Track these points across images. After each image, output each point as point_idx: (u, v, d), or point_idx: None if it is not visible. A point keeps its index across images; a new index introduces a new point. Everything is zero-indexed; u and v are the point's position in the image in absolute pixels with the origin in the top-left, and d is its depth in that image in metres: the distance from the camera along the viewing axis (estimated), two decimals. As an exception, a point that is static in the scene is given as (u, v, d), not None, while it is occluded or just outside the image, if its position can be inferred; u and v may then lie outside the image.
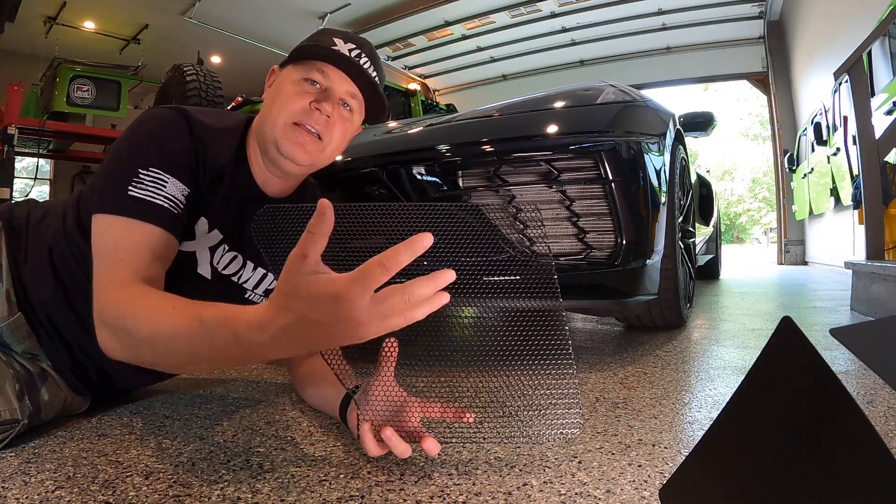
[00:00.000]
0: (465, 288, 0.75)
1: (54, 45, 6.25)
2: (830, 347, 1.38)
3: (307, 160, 0.82)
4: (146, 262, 0.70)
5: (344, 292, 0.46)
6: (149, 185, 0.72)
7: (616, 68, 8.39)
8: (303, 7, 7.08)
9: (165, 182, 0.74)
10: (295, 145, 0.80)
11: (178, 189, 0.75)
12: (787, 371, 0.36)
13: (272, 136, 0.81)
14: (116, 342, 0.65)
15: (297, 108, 0.80)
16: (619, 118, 1.28)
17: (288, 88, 0.81)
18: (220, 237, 0.86)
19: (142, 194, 0.72)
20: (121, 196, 0.71)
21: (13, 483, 0.61)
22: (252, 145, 0.86)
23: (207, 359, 0.58)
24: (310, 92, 0.81)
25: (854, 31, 3.74)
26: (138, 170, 0.73)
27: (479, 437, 0.73)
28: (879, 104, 3.34)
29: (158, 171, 0.74)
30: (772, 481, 0.35)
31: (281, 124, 0.80)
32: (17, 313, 0.80)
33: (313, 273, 0.48)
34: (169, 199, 0.74)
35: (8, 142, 4.25)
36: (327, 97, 0.81)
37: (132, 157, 0.74)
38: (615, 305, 1.31)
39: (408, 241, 0.47)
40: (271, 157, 0.83)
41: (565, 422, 0.68)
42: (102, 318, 0.66)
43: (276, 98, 0.82)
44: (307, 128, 0.80)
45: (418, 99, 4.39)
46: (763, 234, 27.45)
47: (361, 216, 0.70)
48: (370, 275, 0.46)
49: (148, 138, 0.76)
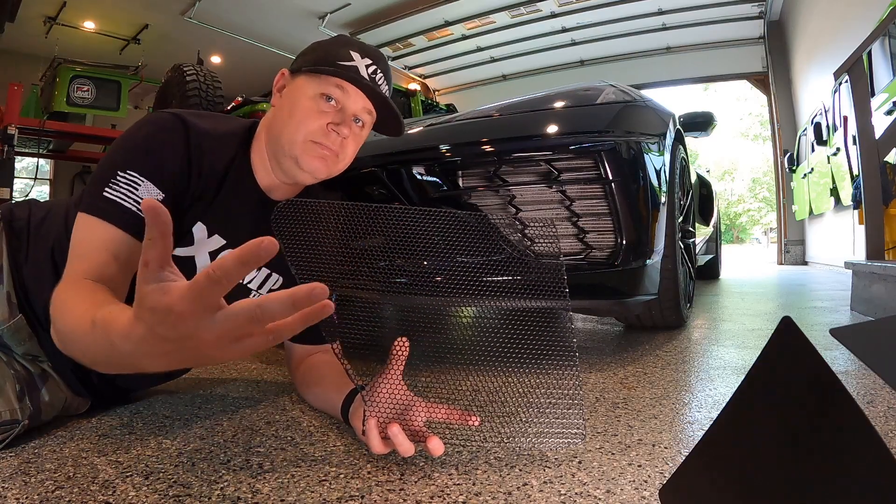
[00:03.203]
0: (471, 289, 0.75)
1: (54, 45, 6.24)
2: (830, 347, 1.38)
3: (326, 174, 0.85)
4: (102, 262, 0.70)
5: (177, 306, 0.40)
6: (122, 188, 0.73)
7: (616, 68, 8.38)
8: (303, 7, 7.07)
9: (138, 185, 0.74)
10: (315, 159, 0.82)
11: (149, 194, 0.75)
12: (787, 371, 0.36)
13: (291, 152, 0.82)
14: (55, 335, 0.63)
15: (315, 129, 0.81)
16: (619, 118, 1.28)
17: (305, 104, 0.81)
18: (222, 242, 0.86)
19: (113, 196, 0.72)
20: (97, 196, 0.72)
21: (13, 483, 0.61)
22: (257, 151, 0.86)
23: (106, 363, 0.54)
24: (327, 111, 0.82)
25: (854, 31, 3.74)
26: (117, 172, 0.73)
27: (481, 440, 0.73)
28: (879, 104, 3.34)
29: (134, 175, 0.74)
30: (772, 481, 0.35)
31: (300, 142, 0.81)
32: (19, 315, 0.80)
33: (155, 282, 0.41)
34: (138, 203, 0.73)
35: (8, 142, 4.24)
36: (344, 119, 0.83)
37: (116, 159, 0.75)
38: (615, 305, 1.31)
39: (242, 247, 0.38)
40: (287, 169, 0.84)
41: (567, 431, 0.68)
42: (49, 314, 0.65)
43: (294, 113, 0.82)
44: (323, 145, 0.82)
45: (418, 99, 4.39)
46: (763, 234, 27.47)
47: (364, 217, 0.70)
48: (198, 288, 0.39)
49: (135, 142, 0.76)
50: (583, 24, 7.67)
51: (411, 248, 0.73)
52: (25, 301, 0.81)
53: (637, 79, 7.46)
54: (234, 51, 7.85)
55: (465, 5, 7.18)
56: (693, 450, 0.41)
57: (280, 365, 1.34)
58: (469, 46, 8.40)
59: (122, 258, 0.72)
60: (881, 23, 2.56)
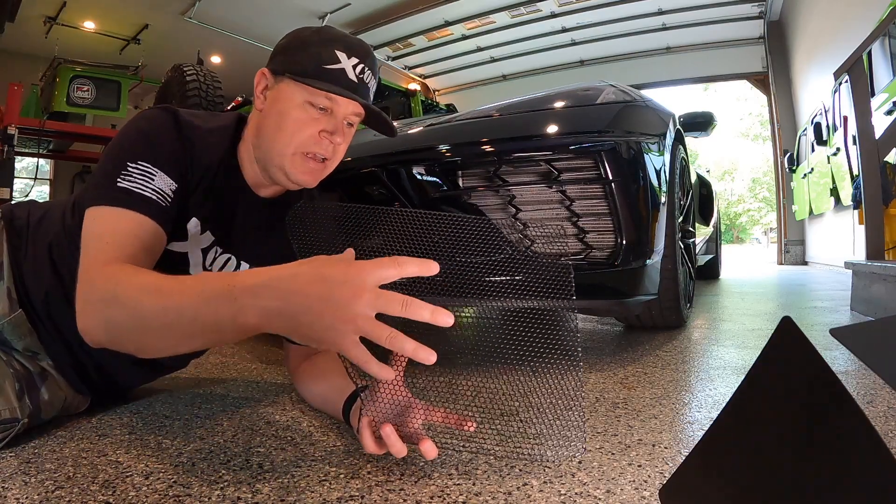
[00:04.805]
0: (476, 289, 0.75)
1: (54, 45, 6.24)
2: (830, 347, 1.38)
3: (315, 184, 0.84)
4: (134, 250, 0.70)
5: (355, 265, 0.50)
6: (137, 178, 0.73)
7: (616, 68, 8.38)
8: (303, 7, 7.08)
9: (154, 175, 0.74)
10: (305, 174, 0.81)
11: (165, 183, 0.75)
12: (787, 371, 0.36)
13: (280, 164, 0.81)
14: (98, 319, 0.63)
15: (306, 139, 0.80)
16: (619, 118, 1.28)
17: (294, 114, 0.79)
18: (211, 239, 0.86)
19: (130, 185, 0.72)
20: (110, 188, 0.72)
21: (13, 483, 0.61)
22: (244, 148, 0.86)
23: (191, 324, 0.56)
24: (317, 119, 0.80)
25: (854, 31, 3.74)
26: (127, 163, 0.73)
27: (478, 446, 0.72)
28: (879, 104, 3.34)
29: (147, 165, 0.74)
30: (772, 481, 0.35)
31: (290, 154, 0.80)
32: (18, 310, 0.80)
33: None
34: (157, 191, 0.74)
35: (8, 142, 4.24)
36: (336, 126, 0.81)
37: (122, 153, 0.75)
38: (615, 305, 1.31)
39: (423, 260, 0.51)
40: (274, 177, 0.84)
41: (568, 444, 0.68)
42: (88, 299, 0.65)
43: (283, 125, 0.80)
44: (315, 155, 0.81)
45: (418, 99, 4.39)
46: (763, 234, 27.46)
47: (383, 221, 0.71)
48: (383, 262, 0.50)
49: (137, 135, 0.76)
50: (583, 24, 7.68)
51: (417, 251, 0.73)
52: (25, 296, 0.82)
53: (637, 79, 7.47)
54: (234, 51, 7.85)
55: (465, 5, 7.18)
56: (693, 450, 0.41)
57: (280, 365, 1.34)
58: (469, 46, 8.41)
59: (149, 246, 0.72)
60: (881, 23, 2.56)
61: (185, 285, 0.58)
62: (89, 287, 0.65)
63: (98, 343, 0.65)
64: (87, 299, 0.65)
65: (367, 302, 0.49)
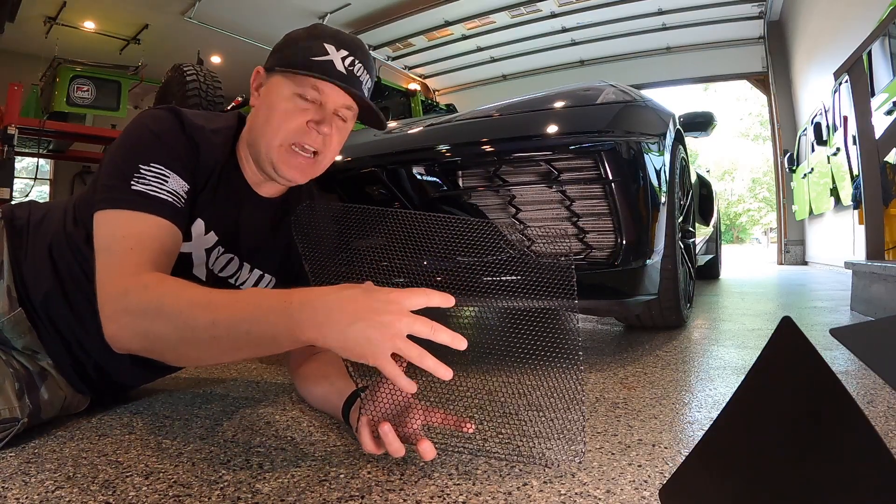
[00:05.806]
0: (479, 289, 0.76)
1: (54, 45, 6.23)
2: (830, 347, 1.38)
3: (304, 180, 0.84)
4: (157, 254, 0.70)
5: (396, 291, 0.57)
6: (152, 180, 0.72)
7: (616, 68, 8.38)
8: (303, 7, 7.08)
9: (168, 177, 0.74)
10: (292, 168, 0.81)
11: (178, 185, 0.75)
12: (787, 371, 0.36)
13: (268, 156, 0.80)
14: (135, 330, 0.64)
15: (293, 129, 0.79)
16: (619, 118, 1.27)
17: (282, 105, 0.79)
18: (215, 239, 0.86)
19: (146, 188, 0.72)
20: (124, 191, 0.71)
21: (13, 483, 0.61)
22: (243, 148, 0.86)
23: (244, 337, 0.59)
24: (305, 109, 0.79)
25: (854, 31, 3.74)
26: (139, 165, 0.73)
27: (478, 446, 0.72)
28: (879, 104, 3.34)
29: (160, 167, 0.74)
30: (771, 481, 0.35)
31: (277, 146, 0.79)
32: (18, 308, 0.80)
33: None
34: (172, 193, 0.74)
35: (8, 142, 4.24)
36: (324, 116, 0.80)
37: (132, 154, 0.74)
38: (615, 305, 1.31)
39: (444, 294, 0.58)
40: (267, 172, 0.84)
41: (569, 444, 0.68)
42: (124, 309, 0.64)
43: (271, 118, 0.80)
44: (304, 146, 0.80)
45: (418, 99, 4.39)
46: (763, 234, 27.45)
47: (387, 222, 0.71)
48: (416, 292, 0.58)
49: (147, 136, 0.76)
50: (583, 24, 7.67)
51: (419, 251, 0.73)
52: (25, 295, 0.82)
53: (637, 79, 7.46)
54: (234, 51, 7.85)
55: (465, 5, 7.18)
56: (693, 450, 0.41)
57: (280, 365, 1.34)
58: (469, 46, 8.40)
59: (167, 248, 0.73)
60: (881, 23, 2.56)
61: (237, 299, 0.61)
62: (122, 295, 0.65)
63: (127, 350, 0.66)
64: (123, 309, 0.65)
65: (407, 323, 0.56)
